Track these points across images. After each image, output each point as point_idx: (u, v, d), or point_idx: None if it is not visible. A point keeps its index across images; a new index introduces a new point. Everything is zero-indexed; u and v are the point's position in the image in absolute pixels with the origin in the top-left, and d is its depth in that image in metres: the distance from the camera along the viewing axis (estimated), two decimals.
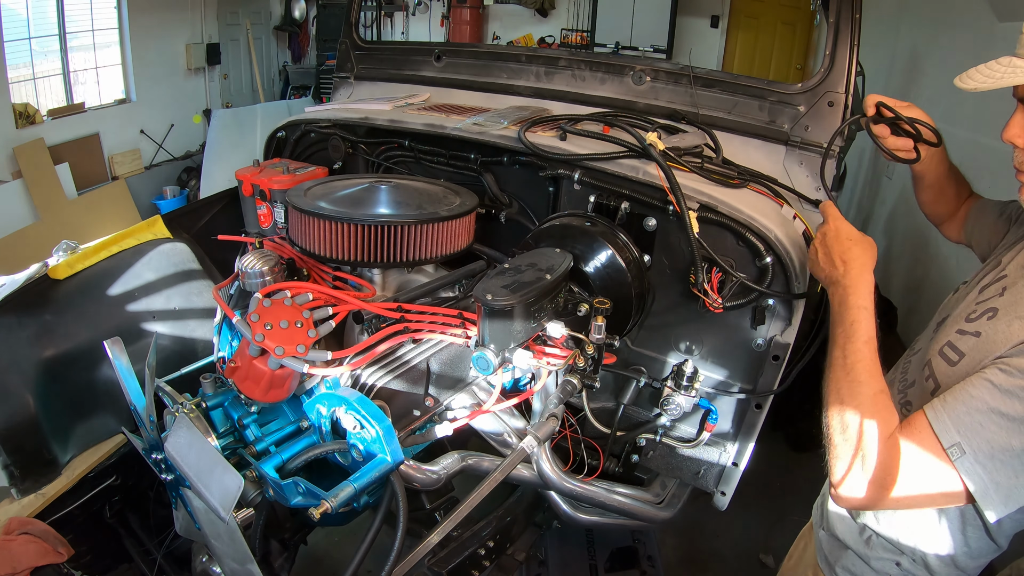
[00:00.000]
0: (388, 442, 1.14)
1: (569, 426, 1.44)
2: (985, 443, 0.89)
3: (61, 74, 5.28)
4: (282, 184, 1.84)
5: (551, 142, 1.67)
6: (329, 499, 1.05)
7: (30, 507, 1.58)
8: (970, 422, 0.89)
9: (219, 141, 5.65)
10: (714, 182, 1.51)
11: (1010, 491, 0.89)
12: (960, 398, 0.91)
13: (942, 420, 0.91)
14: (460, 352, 1.46)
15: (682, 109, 1.86)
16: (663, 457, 1.62)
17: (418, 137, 1.93)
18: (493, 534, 1.68)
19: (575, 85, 2.08)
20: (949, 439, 0.90)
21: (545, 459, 1.38)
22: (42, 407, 1.62)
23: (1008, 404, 0.86)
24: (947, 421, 0.91)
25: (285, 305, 1.24)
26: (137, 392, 1.29)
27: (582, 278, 1.48)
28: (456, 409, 1.43)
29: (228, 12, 6.63)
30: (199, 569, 1.43)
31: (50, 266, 1.73)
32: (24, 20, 4.88)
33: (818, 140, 1.66)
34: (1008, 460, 0.87)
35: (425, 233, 1.51)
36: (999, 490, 0.89)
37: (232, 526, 1.08)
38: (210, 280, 1.99)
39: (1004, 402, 0.87)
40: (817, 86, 1.66)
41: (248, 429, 1.32)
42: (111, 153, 5.61)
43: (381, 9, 7.33)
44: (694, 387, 1.48)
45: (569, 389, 1.31)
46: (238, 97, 6.94)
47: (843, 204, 4.09)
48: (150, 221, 1.98)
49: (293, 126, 2.15)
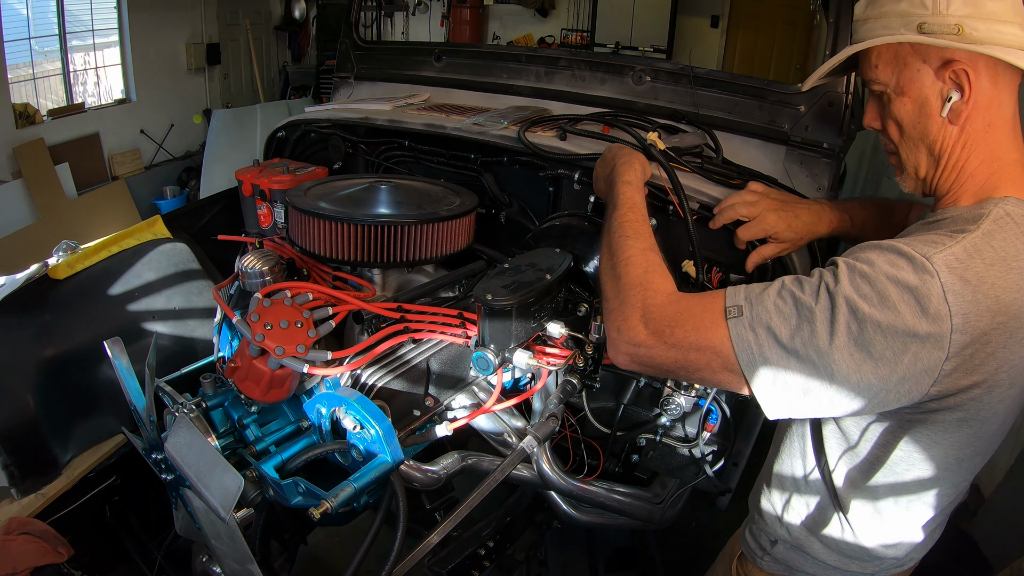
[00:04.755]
0: (388, 442, 1.14)
1: (569, 426, 1.44)
2: (765, 312, 0.87)
3: (61, 74, 5.28)
4: (282, 184, 1.83)
5: (551, 142, 1.67)
6: (329, 499, 1.05)
7: (30, 507, 1.58)
8: (760, 291, 0.90)
9: (219, 141, 5.65)
10: (714, 182, 1.51)
11: (778, 374, 0.87)
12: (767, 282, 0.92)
13: (737, 289, 0.92)
14: (460, 352, 1.46)
15: (682, 109, 1.86)
16: (663, 457, 1.62)
17: (418, 137, 1.92)
18: (493, 534, 1.68)
19: (575, 85, 2.08)
20: (733, 300, 0.90)
21: (545, 459, 1.38)
22: (42, 407, 1.61)
23: (798, 286, 0.88)
24: (741, 289, 0.91)
25: (285, 305, 1.24)
26: (137, 392, 1.29)
27: (582, 278, 1.48)
28: (456, 409, 1.43)
29: (228, 12, 6.62)
30: (199, 569, 1.43)
31: (50, 266, 1.73)
32: (24, 20, 4.88)
33: (818, 140, 1.66)
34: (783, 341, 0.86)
35: (425, 233, 1.51)
36: (768, 366, 0.87)
37: (232, 526, 1.07)
38: (210, 280, 1.99)
39: (797, 284, 0.88)
40: (817, 86, 1.66)
41: (248, 429, 1.32)
42: (111, 153, 5.60)
43: (381, 9, 7.32)
44: (694, 387, 1.48)
45: (569, 389, 1.31)
46: (238, 97, 6.94)
47: None
48: (150, 221, 1.98)
49: (293, 126, 2.15)
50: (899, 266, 0.83)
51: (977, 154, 0.92)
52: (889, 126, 0.98)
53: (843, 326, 0.83)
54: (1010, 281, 0.83)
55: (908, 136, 0.96)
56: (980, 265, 0.83)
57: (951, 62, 0.89)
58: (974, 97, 0.90)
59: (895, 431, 0.96)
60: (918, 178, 0.99)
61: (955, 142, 0.93)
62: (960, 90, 0.90)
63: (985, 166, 0.92)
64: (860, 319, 0.83)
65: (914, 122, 0.94)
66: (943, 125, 0.92)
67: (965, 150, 0.93)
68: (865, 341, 0.83)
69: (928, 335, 0.81)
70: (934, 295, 0.81)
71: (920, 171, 0.98)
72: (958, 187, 0.94)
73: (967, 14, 0.86)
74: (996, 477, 2.23)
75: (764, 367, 0.87)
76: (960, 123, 0.91)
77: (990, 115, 0.91)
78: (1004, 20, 0.87)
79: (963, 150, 0.93)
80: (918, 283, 0.81)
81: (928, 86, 0.91)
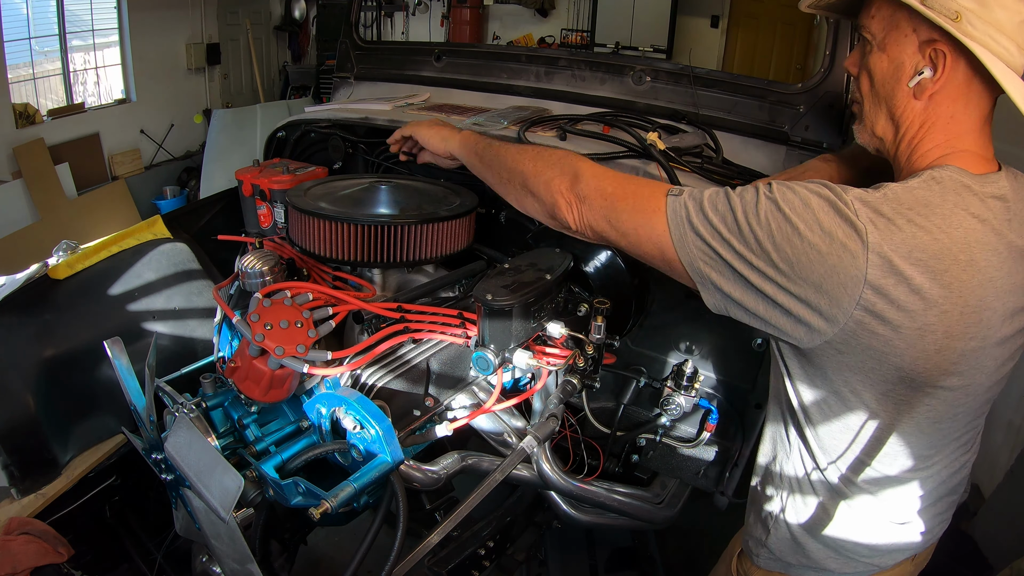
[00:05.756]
0: (388, 442, 1.14)
1: (569, 426, 1.44)
2: (703, 194, 0.96)
3: (61, 74, 5.28)
4: (282, 184, 1.83)
5: (551, 142, 1.67)
6: (329, 499, 1.05)
7: (30, 507, 1.58)
8: (702, 185, 0.99)
9: (219, 141, 5.65)
10: (714, 182, 1.51)
11: (703, 252, 0.95)
12: None
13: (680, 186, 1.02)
14: (460, 352, 1.46)
15: (682, 109, 1.86)
16: (663, 457, 1.62)
17: None
18: (493, 534, 1.68)
19: (575, 85, 2.08)
20: (676, 191, 0.99)
21: (545, 459, 1.38)
22: (42, 407, 1.61)
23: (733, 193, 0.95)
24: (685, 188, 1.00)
25: (285, 305, 1.24)
26: (137, 392, 1.29)
27: (582, 278, 1.48)
28: (456, 409, 1.43)
29: (228, 12, 6.63)
30: (199, 569, 1.43)
31: (50, 266, 1.73)
32: (24, 20, 4.88)
33: (818, 140, 1.66)
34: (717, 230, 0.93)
35: (425, 233, 1.51)
36: (696, 245, 0.95)
37: (232, 526, 1.07)
38: (210, 280, 1.99)
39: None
40: (817, 86, 1.66)
41: (248, 429, 1.32)
42: (111, 153, 5.61)
43: (381, 9, 7.32)
44: (694, 387, 1.48)
45: (569, 389, 1.31)
46: (238, 97, 6.94)
47: None
48: (150, 221, 1.98)
49: (293, 126, 2.15)
50: (821, 192, 0.89)
51: (933, 136, 0.95)
52: (862, 76, 1.01)
53: (765, 215, 0.90)
54: (928, 226, 0.86)
55: (875, 92, 0.99)
56: (894, 205, 0.87)
57: (936, 41, 0.90)
58: (944, 82, 0.92)
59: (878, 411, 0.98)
60: (873, 135, 1.03)
61: (915, 116, 0.95)
62: (934, 69, 0.92)
63: (938, 149, 0.95)
64: (785, 216, 0.89)
65: (884, 80, 0.97)
66: (908, 95, 0.95)
67: (923, 129, 0.95)
68: (788, 234, 0.88)
69: (845, 244, 0.85)
70: (853, 214, 0.86)
71: (876, 129, 1.02)
72: (910, 164, 0.98)
73: (972, 8, 0.87)
74: (996, 477, 2.23)
75: (694, 246, 0.95)
76: (923, 99, 0.94)
77: (955, 108, 0.93)
78: (1005, 32, 0.87)
79: (921, 128, 0.95)
80: (837, 200, 0.88)
81: (908, 54, 0.94)
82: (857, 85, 1.03)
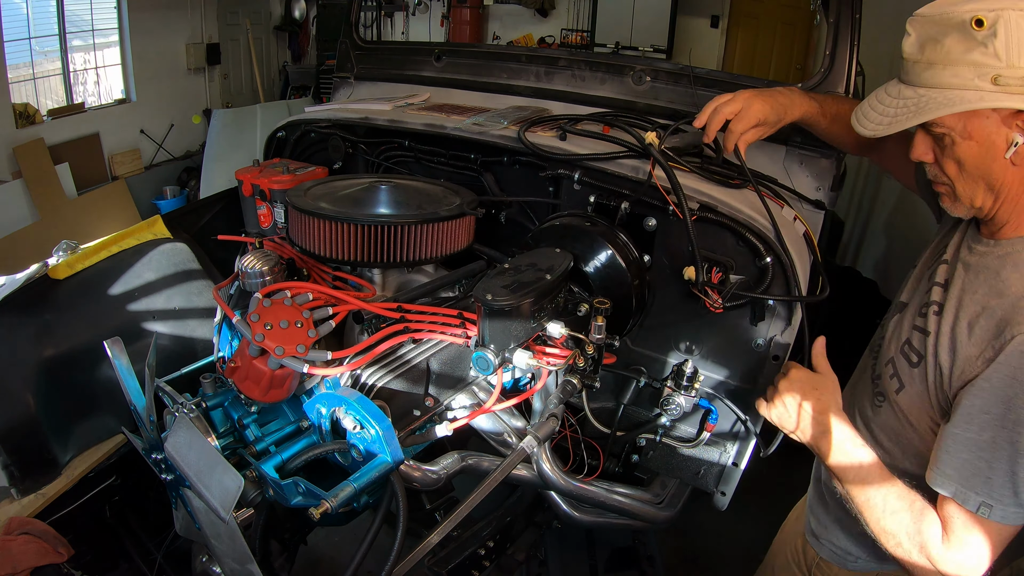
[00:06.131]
0: (388, 442, 1.14)
1: (569, 426, 1.44)
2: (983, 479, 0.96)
3: (61, 74, 5.28)
4: (282, 184, 1.83)
5: (551, 142, 1.67)
6: (329, 499, 1.05)
7: (30, 507, 1.58)
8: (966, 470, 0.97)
9: (219, 141, 5.65)
10: (714, 182, 1.51)
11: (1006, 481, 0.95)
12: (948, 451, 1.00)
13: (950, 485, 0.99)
14: (460, 352, 1.46)
15: (682, 109, 1.86)
16: (663, 457, 1.62)
17: (418, 137, 1.92)
18: (493, 534, 1.68)
19: (575, 85, 2.08)
20: (974, 502, 0.98)
21: (545, 459, 1.38)
22: (42, 407, 1.61)
23: (972, 429, 0.97)
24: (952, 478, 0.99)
25: (285, 305, 1.24)
26: (137, 392, 1.29)
27: (582, 278, 1.48)
28: (456, 409, 1.43)
29: (228, 12, 6.62)
30: (199, 569, 1.42)
31: (50, 266, 1.73)
32: (24, 20, 4.88)
33: (818, 140, 1.66)
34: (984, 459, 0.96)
35: (425, 233, 1.51)
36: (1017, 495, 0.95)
37: (232, 526, 1.07)
38: (210, 280, 1.99)
39: (967, 427, 0.97)
40: (817, 86, 1.66)
41: (248, 429, 1.32)
42: (111, 153, 5.60)
43: (381, 9, 7.31)
44: (694, 387, 1.48)
45: (569, 389, 1.31)
46: (238, 97, 6.93)
47: (843, 204, 4.09)
48: (150, 221, 1.98)
49: (293, 126, 2.15)
50: None
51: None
52: (947, 164, 1.04)
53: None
54: None
55: (968, 174, 1.02)
56: None
57: (1021, 112, 0.94)
58: None
59: None
60: (972, 207, 1.06)
61: (1014, 179, 1.00)
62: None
63: None
64: None
65: (978, 162, 1.00)
66: (1006, 166, 0.99)
67: (1023, 185, 1.01)
68: None
69: None
70: None
71: (975, 202, 1.05)
72: (1016, 217, 1.03)
73: None
74: None
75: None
76: (1021, 164, 0.98)
77: None
78: None
79: (1021, 185, 1.00)
80: None
81: (995, 131, 0.97)
82: (942, 172, 1.05)
